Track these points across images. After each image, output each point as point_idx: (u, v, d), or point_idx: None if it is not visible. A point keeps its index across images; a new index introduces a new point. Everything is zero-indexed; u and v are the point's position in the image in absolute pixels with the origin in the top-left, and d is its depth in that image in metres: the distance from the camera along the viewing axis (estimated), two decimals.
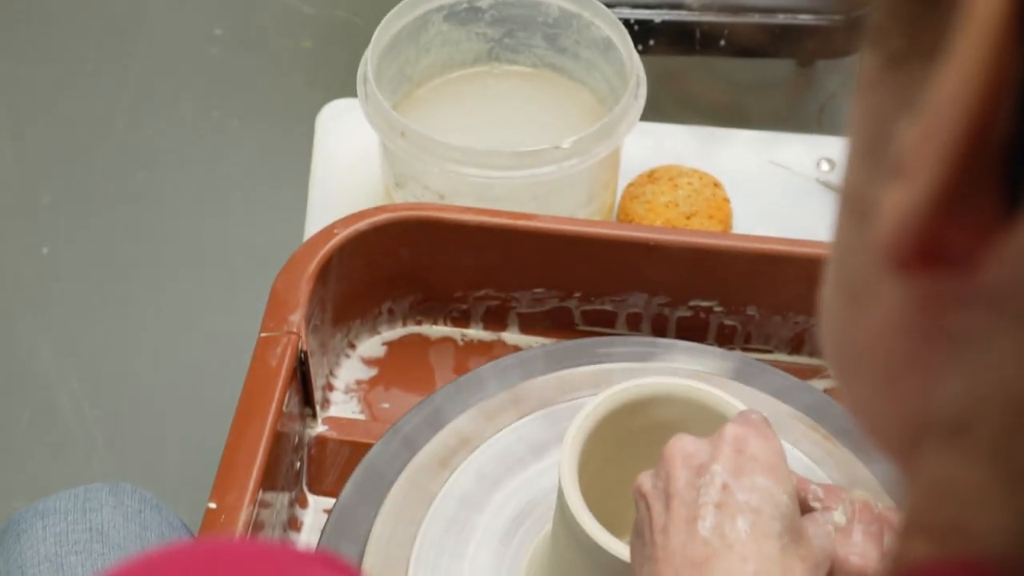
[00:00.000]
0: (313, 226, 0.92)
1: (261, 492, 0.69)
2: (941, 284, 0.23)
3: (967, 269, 0.22)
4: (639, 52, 0.90)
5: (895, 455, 0.27)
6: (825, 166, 0.99)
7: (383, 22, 0.89)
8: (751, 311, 0.84)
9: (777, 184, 0.98)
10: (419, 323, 0.88)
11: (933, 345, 0.24)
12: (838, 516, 0.58)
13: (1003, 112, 0.21)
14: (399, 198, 0.91)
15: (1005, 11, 0.20)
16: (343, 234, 0.80)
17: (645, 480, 0.57)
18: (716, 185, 0.94)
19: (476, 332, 0.87)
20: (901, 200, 0.22)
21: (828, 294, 0.28)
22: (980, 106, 0.21)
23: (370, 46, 0.88)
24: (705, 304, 0.85)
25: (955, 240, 0.22)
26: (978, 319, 0.23)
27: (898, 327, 0.25)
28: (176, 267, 1.68)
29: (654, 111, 0.93)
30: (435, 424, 0.76)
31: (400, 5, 0.91)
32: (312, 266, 0.79)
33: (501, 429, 0.75)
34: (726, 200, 0.94)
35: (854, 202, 0.26)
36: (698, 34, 1.35)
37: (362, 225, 0.81)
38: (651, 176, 0.95)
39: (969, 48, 0.21)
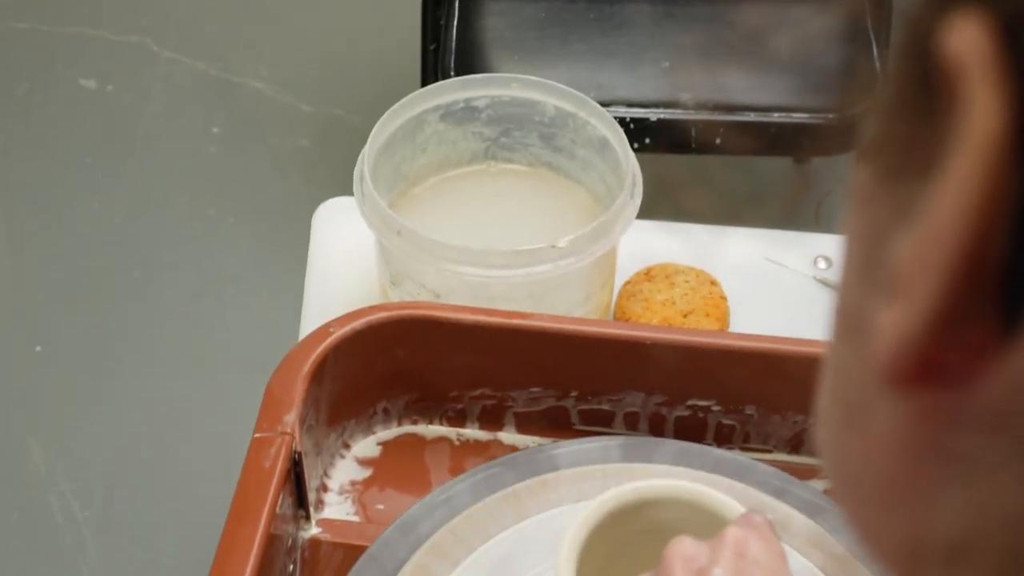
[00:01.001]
0: (309, 324, 0.92)
1: None
2: (939, 402, 0.23)
3: (965, 387, 0.22)
4: (635, 151, 0.90)
5: (894, 571, 0.27)
6: (822, 264, 0.99)
7: (380, 122, 0.90)
8: (749, 410, 0.84)
9: (774, 282, 0.98)
10: (415, 422, 0.87)
11: (932, 465, 0.24)
12: None
13: (999, 233, 0.20)
14: (395, 297, 0.90)
15: (1001, 131, 0.20)
16: (338, 333, 0.80)
17: None
18: (713, 283, 0.94)
19: (472, 432, 0.86)
20: (898, 319, 0.22)
21: (825, 407, 0.27)
22: (976, 227, 0.20)
23: (367, 146, 0.88)
24: (703, 403, 0.84)
25: (953, 359, 0.22)
26: (976, 440, 0.22)
27: (896, 445, 0.24)
28: (170, 366, 1.68)
29: (650, 209, 0.93)
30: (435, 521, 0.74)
31: (397, 105, 0.91)
32: (307, 366, 0.78)
33: (501, 531, 0.74)
34: (723, 298, 0.94)
35: (850, 318, 0.26)
36: (694, 133, 1.36)
37: (358, 324, 0.80)
38: (648, 274, 0.94)
39: (965, 168, 0.20)
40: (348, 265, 0.98)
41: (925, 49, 0.22)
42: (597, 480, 0.75)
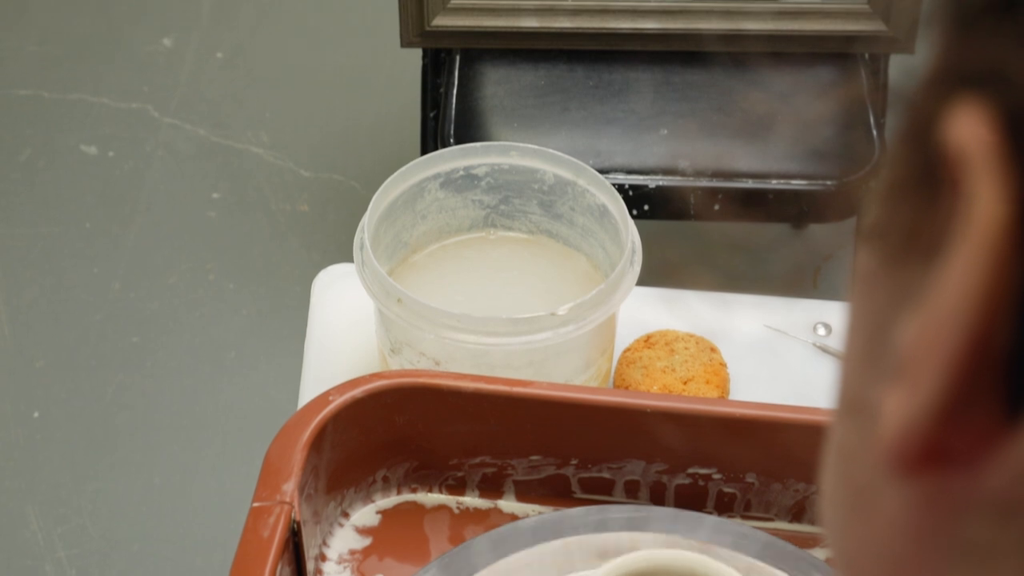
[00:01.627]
0: (308, 392, 0.92)
1: None
2: (945, 488, 0.23)
3: (971, 474, 0.22)
4: (634, 217, 0.91)
5: None
6: (822, 331, 0.99)
7: (380, 190, 0.90)
8: (750, 478, 0.83)
9: (774, 349, 0.98)
10: (414, 491, 0.86)
11: (937, 550, 0.24)
12: None
13: (1004, 321, 0.21)
14: (394, 364, 0.90)
15: (1004, 221, 0.20)
16: (338, 401, 0.80)
17: None
18: (713, 350, 0.94)
19: (472, 500, 0.86)
20: (903, 404, 0.22)
21: (830, 487, 0.27)
22: (981, 316, 0.20)
23: (367, 214, 0.88)
24: (704, 471, 0.83)
25: (958, 446, 0.22)
26: (983, 527, 0.22)
27: (902, 529, 0.24)
28: (168, 432, 1.67)
29: (650, 275, 0.94)
30: None
31: (397, 173, 0.91)
32: (306, 434, 0.78)
33: None
34: (723, 365, 0.94)
35: (854, 401, 0.26)
36: (692, 200, 1.36)
37: (357, 392, 0.80)
38: (647, 341, 0.94)
39: (969, 256, 0.20)
40: (348, 332, 0.98)
41: (928, 136, 0.22)
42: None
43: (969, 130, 0.21)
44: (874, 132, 1.37)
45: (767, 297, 1.03)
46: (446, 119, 1.43)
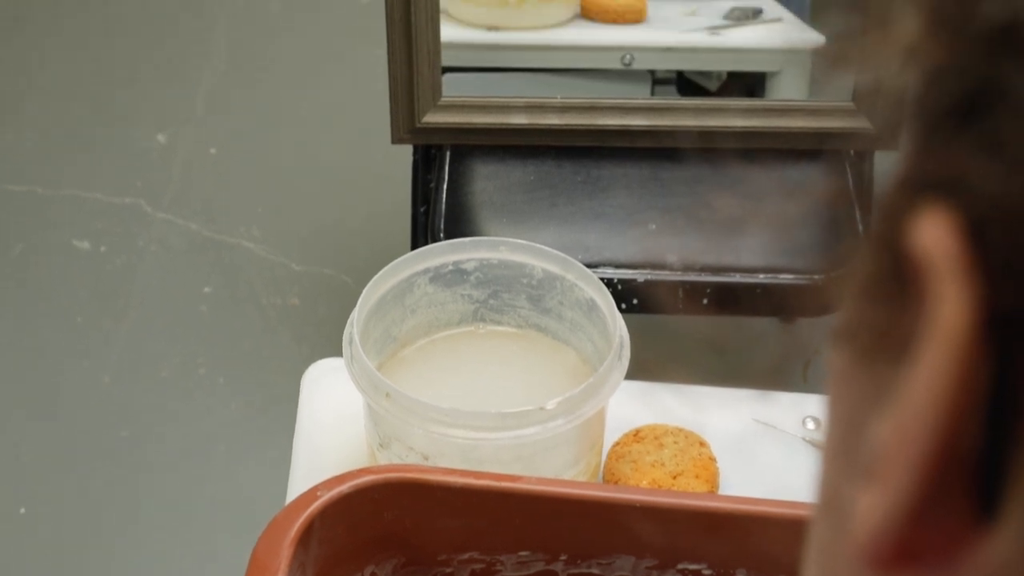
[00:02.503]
0: (296, 486, 0.91)
1: None
2: None
3: (944, 573, 0.22)
4: (623, 311, 0.91)
5: None
6: (811, 424, 0.99)
7: (369, 285, 0.90)
8: (740, 574, 0.83)
9: (763, 443, 0.98)
10: None
11: None
12: None
13: (971, 425, 0.21)
14: (383, 459, 0.90)
15: (968, 328, 0.21)
16: (325, 497, 0.79)
17: None
18: (702, 444, 0.94)
19: None
20: (874, 504, 0.22)
21: None
22: (947, 419, 0.21)
23: (356, 309, 0.89)
24: (693, 567, 0.83)
25: (929, 546, 0.22)
26: None
27: None
28: (157, 528, 1.66)
29: (639, 369, 0.94)
30: None
31: (386, 268, 0.92)
32: (293, 530, 0.77)
33: None
34: (712, 459, 0.94)
35: (830, 498, 0.26)
36: (681, 293, 1.37)
37: (345, 488, 0.80)
38: (637, 435, 0.94)
39: (934, 360, 0.21)
40: (336, 426, 0.98)
41: (895, 239, 0.22)
42: None
43: (933, 236, 0.21)
44: (860, 227, 1.39)
45: (756, 391, 1.03)
46: (436, 214, 1.44)
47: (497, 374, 0.96)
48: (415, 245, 1.53)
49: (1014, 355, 0.21)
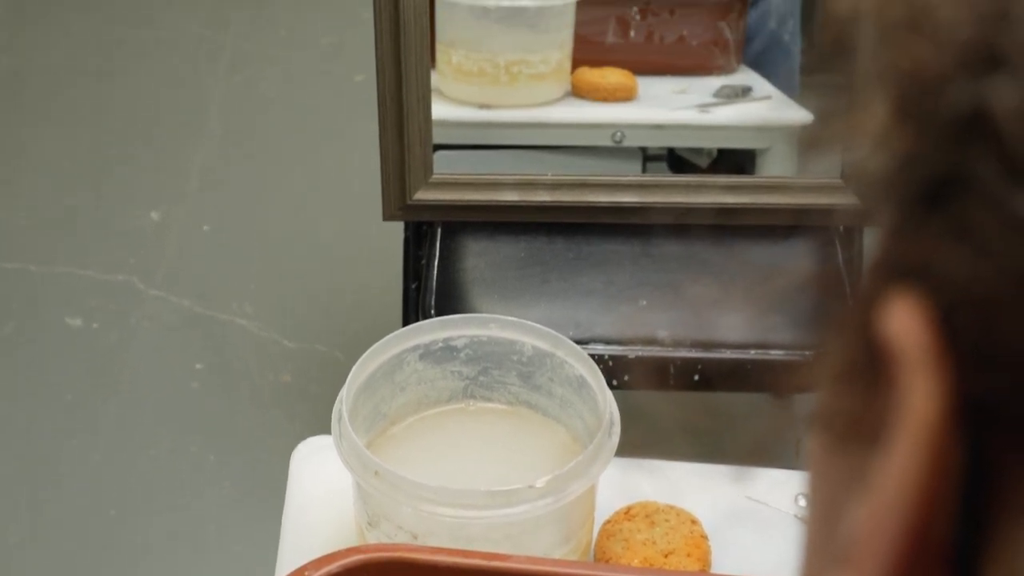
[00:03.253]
0: (285, 566, 0.90)
1: None
2: None
3: None
4: (614, 387, 0.91)
5: None
6: (803, 502, 0.98)
7: (358, 363, 0.90)
8: None
9: (755, 520, 0.97)
10: None
11: None
12: None
13: (944, 511, 0.21)
14: (372, 537, 0.89)
15: (940, 412, 0.21)
16: None
17: None
18: (694, 522, 0.93)
19: None
20: None
21: None
22: (919, 507, 0.21)
23: (345, 386, 0.88)
24: None
25: None
26: None
27: None
28: None
29: (629, 446, 0.93)
30: None
31: (376, 345, 0.92)
32: None
33: None
34: (704, 537, 0.93)
35: None
36: (672, 370, 1.37)
37: (334, 568, 0.79)
38: (628, 513, 0.94)
39: (905, 449, 0.21)
40: (326, 505, 0.97)
41: (867, 327, 0.22)
42: None
43: (903, 325, 0.21)
44: (850, 302, 1.39)
45: (748, 468, 1.03)
46: (427, 290, 1.45)
47: (487, 452, 0.95)
48: (406, 321, 1.53)
49: (987, 439, 0.20)
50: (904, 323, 0.21)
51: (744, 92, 1.62)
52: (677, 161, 1.70)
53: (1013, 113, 0.21)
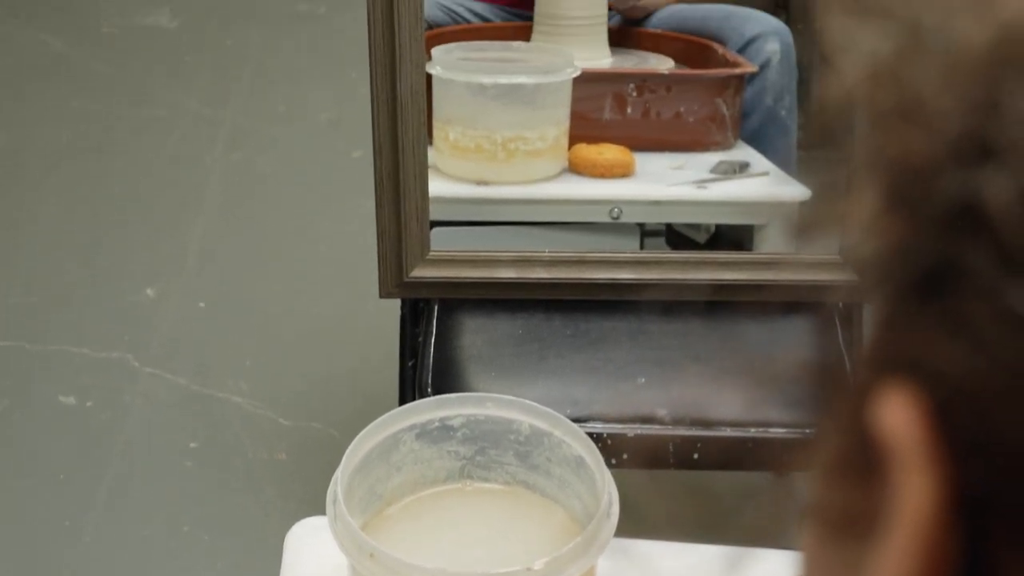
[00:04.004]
0: None
1: None
2: None
3: None
4: (612, 466, 0.90)
5: None
6: None
7: (354, 443, 0.89)
8: None
9: None
10: None
11: None
12: None
13: None
14: None
15: (935, 508, 0.20)
16: None
17: None
18: None
19: None
20: None
21: None
22: None
23: (340, 467, 0.87)
24: None
25: None
26: None
27: None
28: None
29: (629, 525, 0.92)
30: None
31: (371, 425, 0.91)
32: None
33: None
34: None
35: None
36: (671, 448, 1.35)
37: None
38: None
39: (901, 543, 0.20)
40: None
41: (862, 419, 0.22)
42: None
43: (897, 420, 0.21)
44: (850, 381, 1.38)
45: (750, 549, 1.01)
46: (424, 368, 1.44)
47: (484, 533, 0.94)
48: (403, 399, 1.51)
49: (986, 531, 0.20)
50: (898, 417, 0.21)
51: (741, 168, 1.63)
52: (675, 237, 1.70)
53: (1006, 205, 0.20)
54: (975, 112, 0.21)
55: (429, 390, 1.40)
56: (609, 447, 1.34)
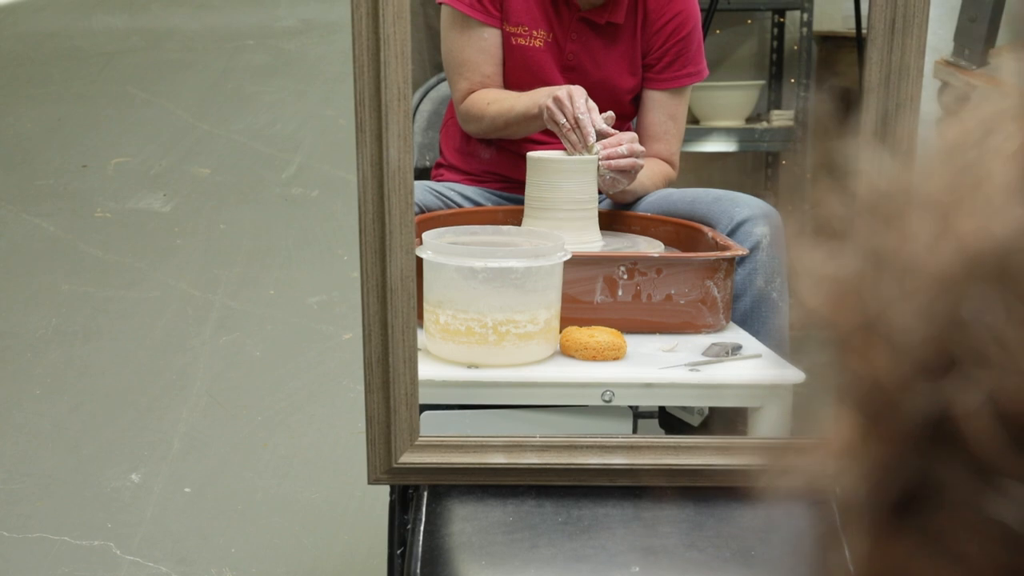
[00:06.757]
0: None
1: None
2: None
3: None
4: None
5: None
6: None
7: None
8: None
9: None
10: None
11: None
12: None
13: None
14: None
15: None
16: None
17: None
18: None
19: None
20: None
21: None
22: None
23: None
24: None
25: None
26: None
27: None
28: None
29: None
30: None
31: None
32: None
33: None
34: None
35: None
36: None
37: None
38: None
39: None
40: None
41: None
42: None
43: None
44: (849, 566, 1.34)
45: None
46: (413, 557, 1.40)
47: None
48: None
49: None
50: None
51: (734, 350, 1.62)
52: (668, 419, 1.68)
53: (974, 414, 0.20)
54: (939, 327, 0.21)
55: None
56: None
